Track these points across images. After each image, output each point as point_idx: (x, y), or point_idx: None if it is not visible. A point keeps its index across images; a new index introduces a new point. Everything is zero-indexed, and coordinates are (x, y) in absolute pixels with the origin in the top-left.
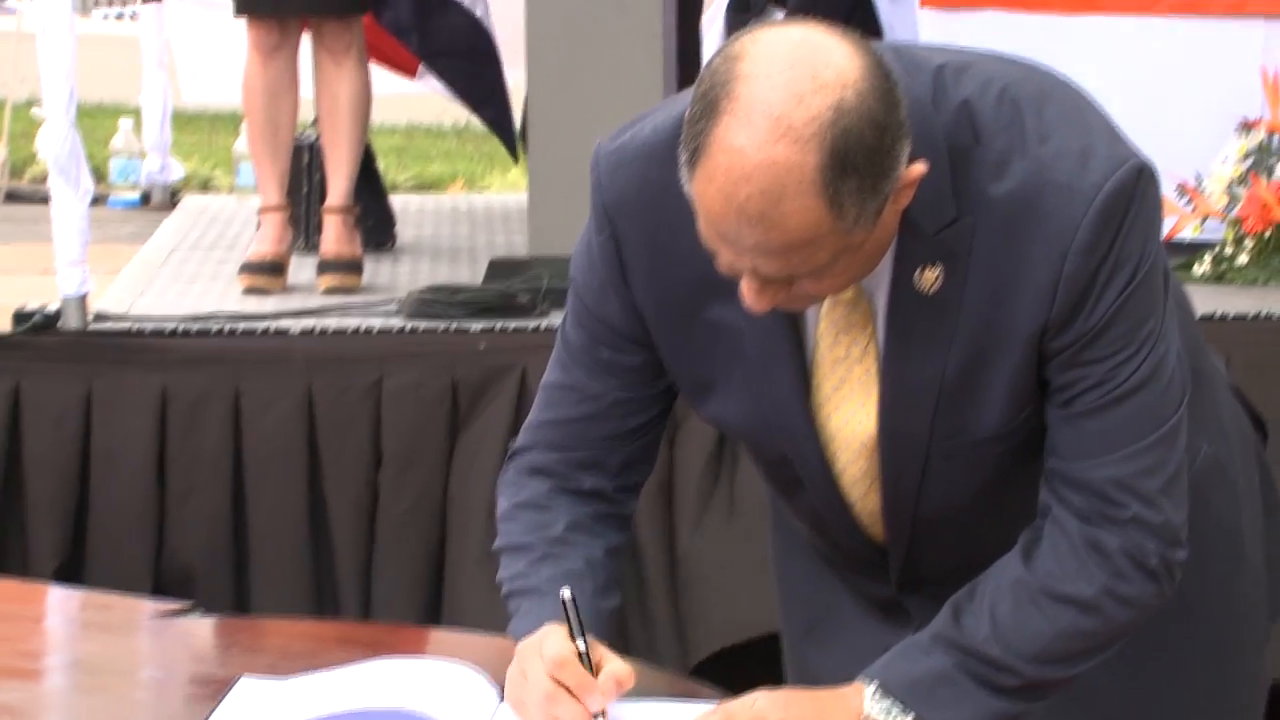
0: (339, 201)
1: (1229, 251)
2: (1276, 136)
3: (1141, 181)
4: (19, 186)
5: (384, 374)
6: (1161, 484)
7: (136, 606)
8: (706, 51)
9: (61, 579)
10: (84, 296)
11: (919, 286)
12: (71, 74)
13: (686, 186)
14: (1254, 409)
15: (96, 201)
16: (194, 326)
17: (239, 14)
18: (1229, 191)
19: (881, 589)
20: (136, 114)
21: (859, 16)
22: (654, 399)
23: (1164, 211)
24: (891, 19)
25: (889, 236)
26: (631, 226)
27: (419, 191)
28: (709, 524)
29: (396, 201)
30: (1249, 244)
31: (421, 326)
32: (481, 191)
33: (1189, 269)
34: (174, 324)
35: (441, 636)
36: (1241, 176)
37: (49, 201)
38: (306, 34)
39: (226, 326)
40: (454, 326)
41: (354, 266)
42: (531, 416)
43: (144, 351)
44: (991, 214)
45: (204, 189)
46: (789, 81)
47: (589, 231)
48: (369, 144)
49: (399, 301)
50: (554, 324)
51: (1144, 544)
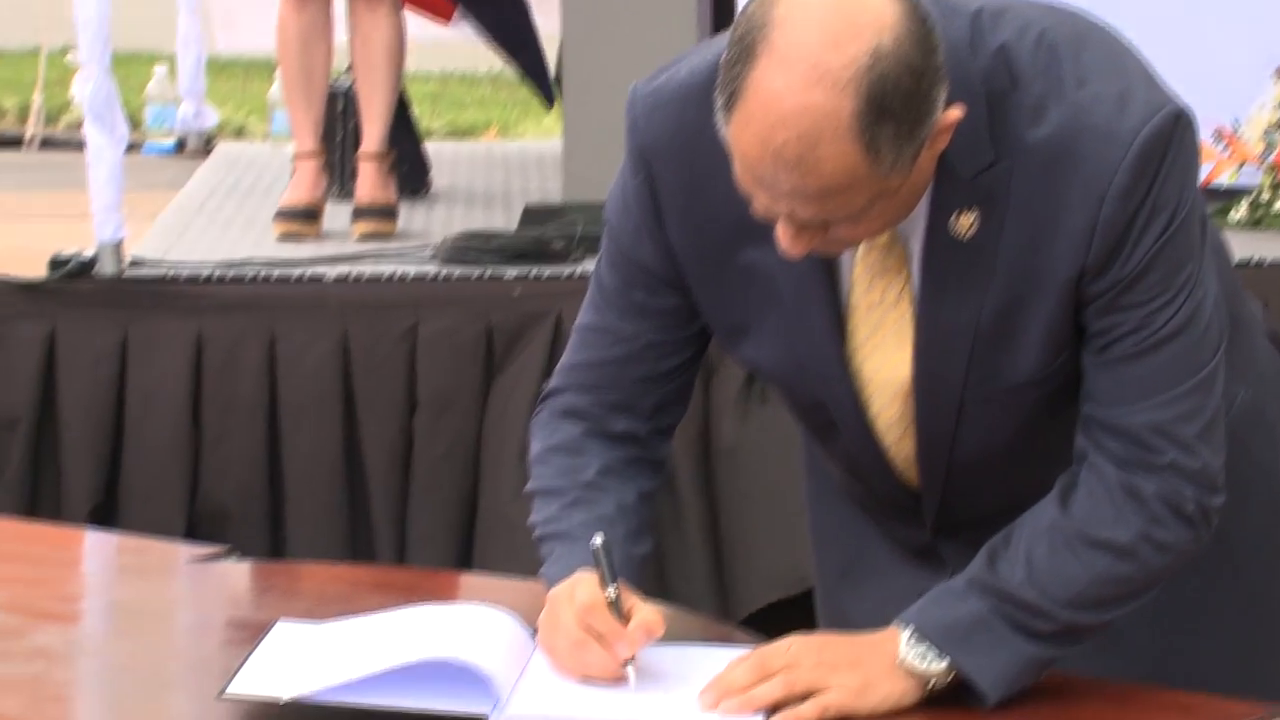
0: (374, 148)
1: (1266, 197)
2: None
3: (1179, 126)
4: (54, 133)
5: (419, 320)
6: (1199, 429)
7: (173, 551)
8: None
9: (95, 523)
10: (119, 243)
11: (955, 231)
12: (106, 21)
13: (722, 131)
14: None
15: (131, 148)
16: (229, 273)
17: None
18: (1266, 137)
19: (916, 534)
20: (171, 61)
21: None
22: (687, 341)
23: (1201, 157)
24: None
25: (925, 181)
26: (667, 169)
27: (453, 138)
28: (746, 468)
29: (431, 148)
30: None
31: (456, 273)
32: (516, 138)
33: (1226, 215)
34: (209, 270)
35: (476, 581)
36: (1279, 122)
37: (84, 148)
38: None
39: (261, 273)
40: (489, 273)
41: (389, 213)
42: (565, 358)
43: (179, 298)
44: (1028, 158)
45: (238, 136)
46: (825, 26)
47: (624, 174)
48: (403, 90)
49: (434, 248)
50: (588, 270)
51: (1181, 490)
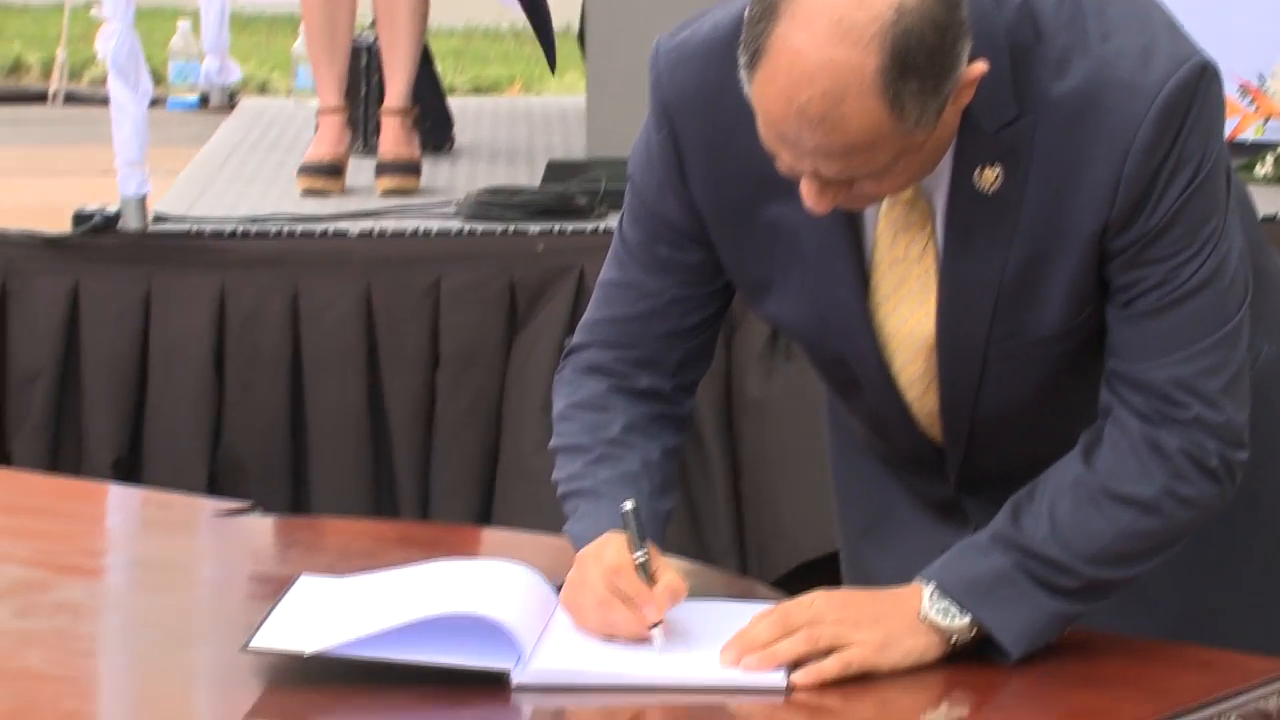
0: (397, 103)
1: None
2: None
3: (1204, 80)
4: (78, 88)
5: (442, 275)
6: (1223, 384)
7: (197, 505)
8: None
9: (118, 478)
10: (143, 198)
11: (978, 185)
12: None
13: (746, 89)
14: None
15: (155, 103)
16: (252, 228)
17: None
18: None
19: (939, 490)
20: (194, 16)
21: None
22: (711, 296)
23: (1226, 111)
24: None
25: (949, 136)
26: (690, 124)
27: (477, 93)
28: (770, 426)
29: (454, 104)
30: None
31: (479, 228)
32: (539, 93)
33: (1251, 170)
34: (233, 225)
35: (499, 536)
36: None
37: (108, 103)
38: None
39: (285, 228)
40: (512, 228)
41: (412, 168)
42: (588, 314)
43: (203, 252)
44: (1052, 112)
45: (262, 92)
46: None
47: (648, 128)
48: (427, 45)
49: (457, 203)
50: (612, 226)
51: (1205, 444)
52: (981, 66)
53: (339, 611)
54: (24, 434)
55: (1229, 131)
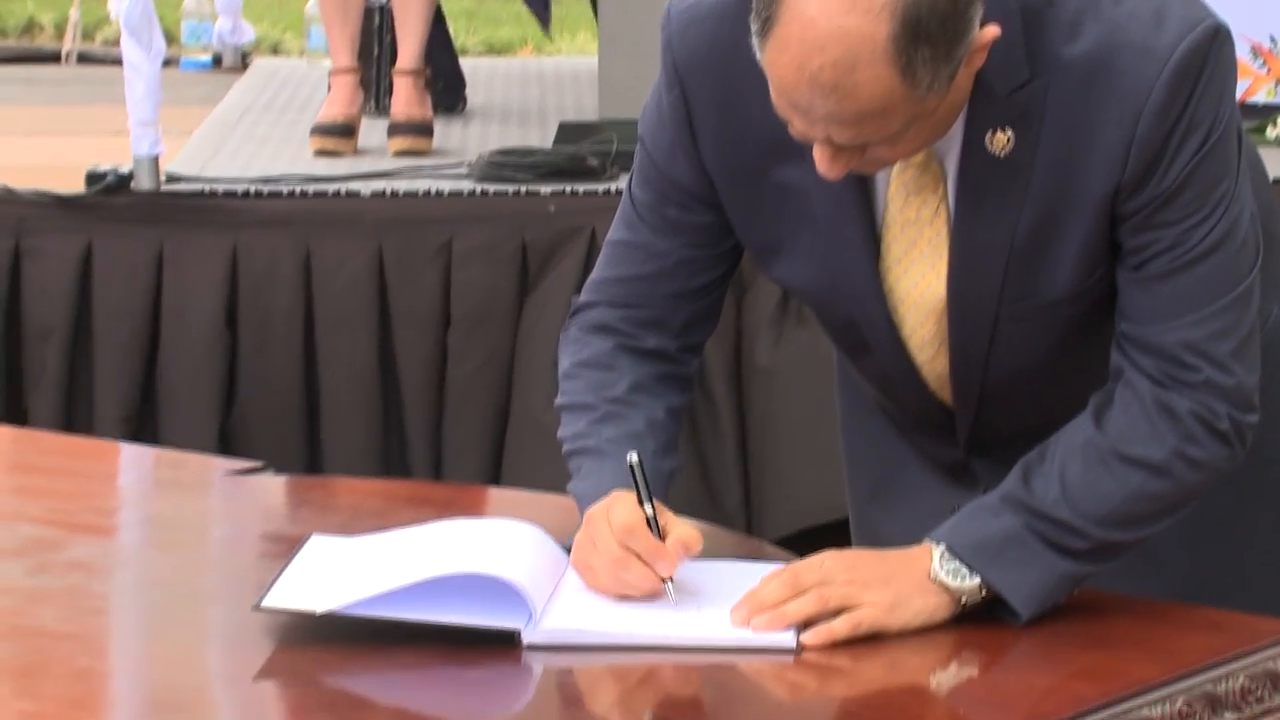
0: (410, 64)
1: None
2: None
3: (1216, 42)
4: (91, 48)
5: (454, 236)
6: (1234, 347)
7: (208, 465)
8: None
9: (130, 437)
10: (156, 158)
11: (990, 148)
12: None
13: (758, 56)
14: None
15: (168, 63)
16: (265, 188)
17: None
18: None
19: (949, 451)
20: None
21: None
22: (720, 258)
23: (1238, 74)
24: None
25: (962, 100)
26: (702, 86)
27: (489, 55)
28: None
29: (466, 65)
30: None
31: (491, 189)
32: (551, 55)
33: (1263, 132)
34: (245, 185)
35: (511, 496)
36: None
37: (121, 63)
38: None
39: (297, 188)
40: (524, 189)
41: (424, 129)
42: (595, 273)
43: (215, 213)
44: (1064, 76)
45: (274, 52)
46: None
47: (659, 90)
48: (439, 6)
49: (469, 164)
50: (623, 187)
51: (1215, 407)
52: (994, 30)
53: (350, 571)
54: (37, 392)
55: (1240, 94)
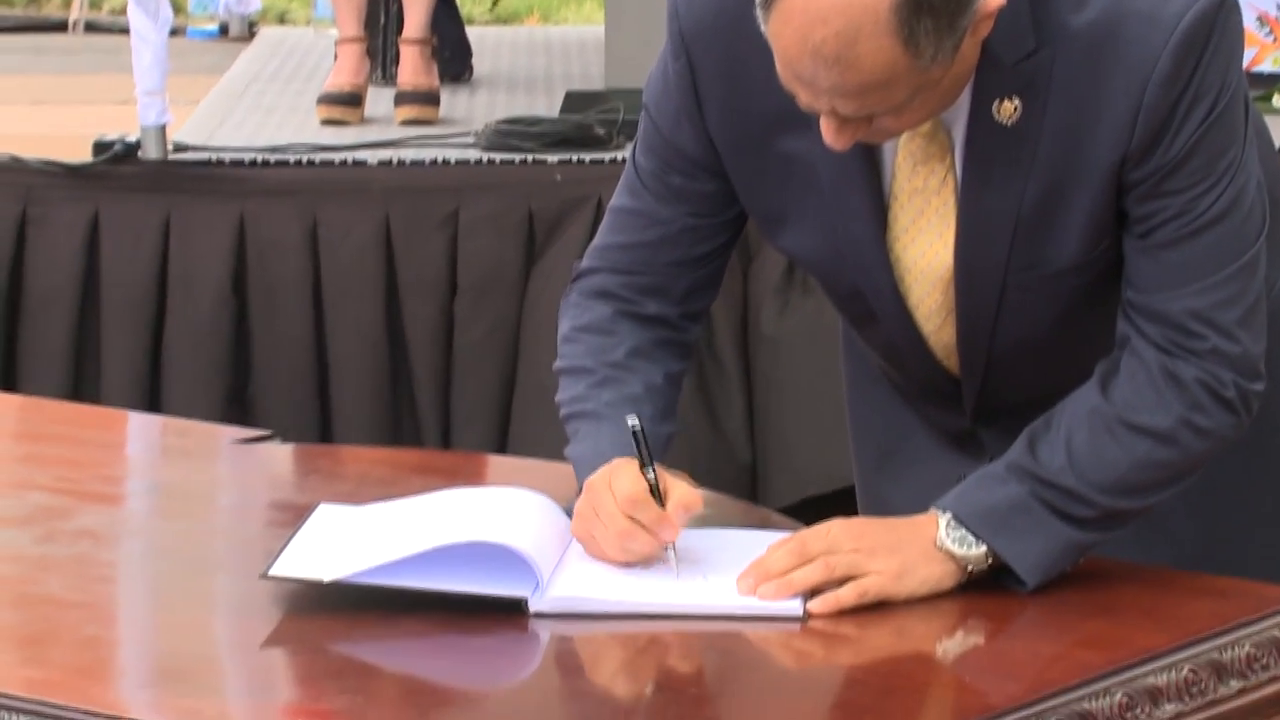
0: (416, 33)
1: None
2: None
3: (1223, 11)
4: (98, 17)
5: (460, 205)
6: (1240, 315)
7: (216, 433)
8: None
9: (137, 404)
10: (163, 126)
11: (997, 118)
12: None
13: (763, 28)
14: None
15: (175, 32)
16: (272, 157)
17: None
18: None
19: (955, 420)
20: None
21: None
22: (723, 226)
23: (1244, 42)
24: None
25: (968, 69)
26: (708, 55)
27: (496, 23)
28: (786, 358)
29: (473, 33)
30: None
31: (498, 158)
32: (558, 23)
33: (1269, 100)
34: (252, 154)
35: (517, 464)
36: None
37: (128, 32)
38: None
39: (304, 157)
40: (530, 158)
41: (431, 98)
42: (598, 239)
43: (223, 181)
44: (1071, 45)
45: (281, 21)
46: None
47: (665, 58)
48: None
49: (476, 133)
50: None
51: (1221, 375)
52: (998, 0)
53: (357, 539)
54: (43, 360)
55: (1246, 62)
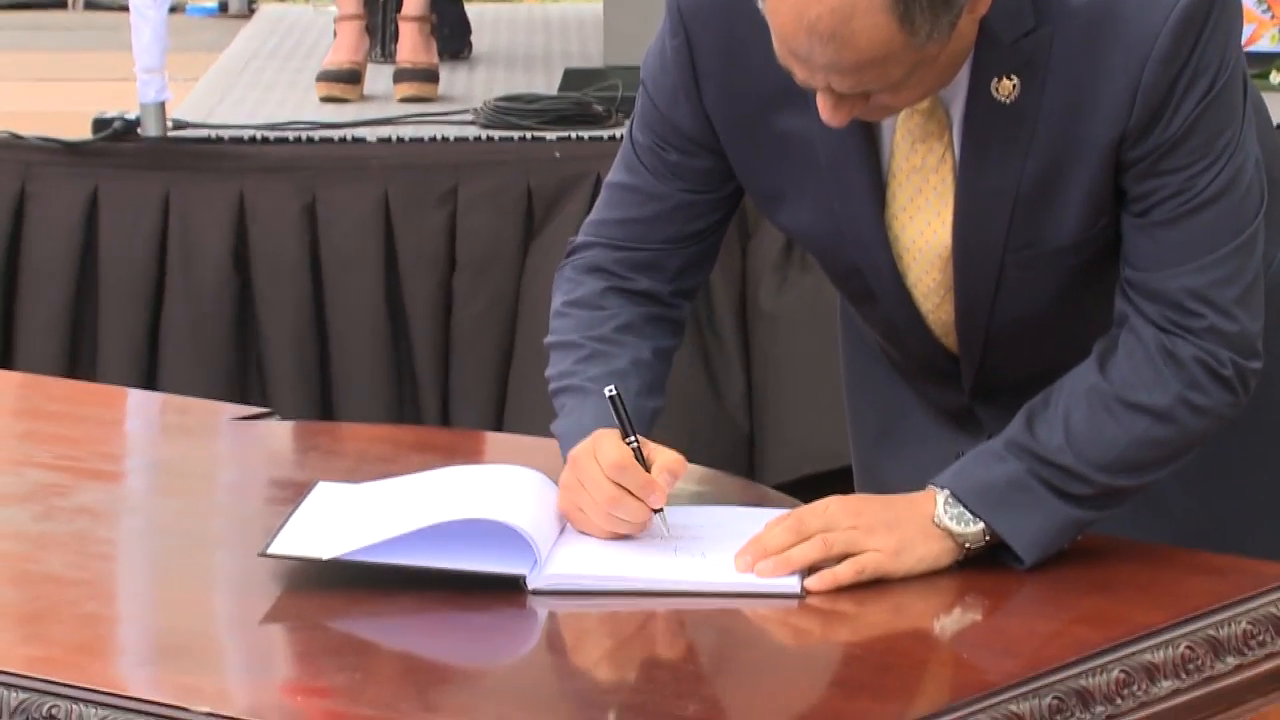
0: (415, 10)
1: None
2: None
3: None
4: None
5: (459, 181)
6: (1238, 294)
7: (215, 410)
8: None
9: (135, 382)
10: (162, 104)
11: (996, 95)
12: None
13: (759, 4)
14: None
15: (174, 9)
16: (271, 134)
17: None
18: None
19: (954, 398)
20: None
21: None
22: (719, 203)
23: (1243, 20)
24: None
25: (966, 47)
26: (706, 32)
27: (494, 0)
28: (784, 335)
29: (472, 10)
30: None
31: (497, 135)
32: (557, 1)
33: (1266, 78)
34: (251, 132)
35: (517, 441)
36: None
37: (127, 9)
38: None
39: (303, 134)
40: (529, 135)
41: (430, 75)
42: (593, 214)
43: (222, 158)
44: (1070, 23)
45: None
46: None
47: (663, 35)
48: None
49: (475, 110)
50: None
51: (1219, 353)
52: None
53: (356, 517)
54: (42, 338)
55: (1244, 39)
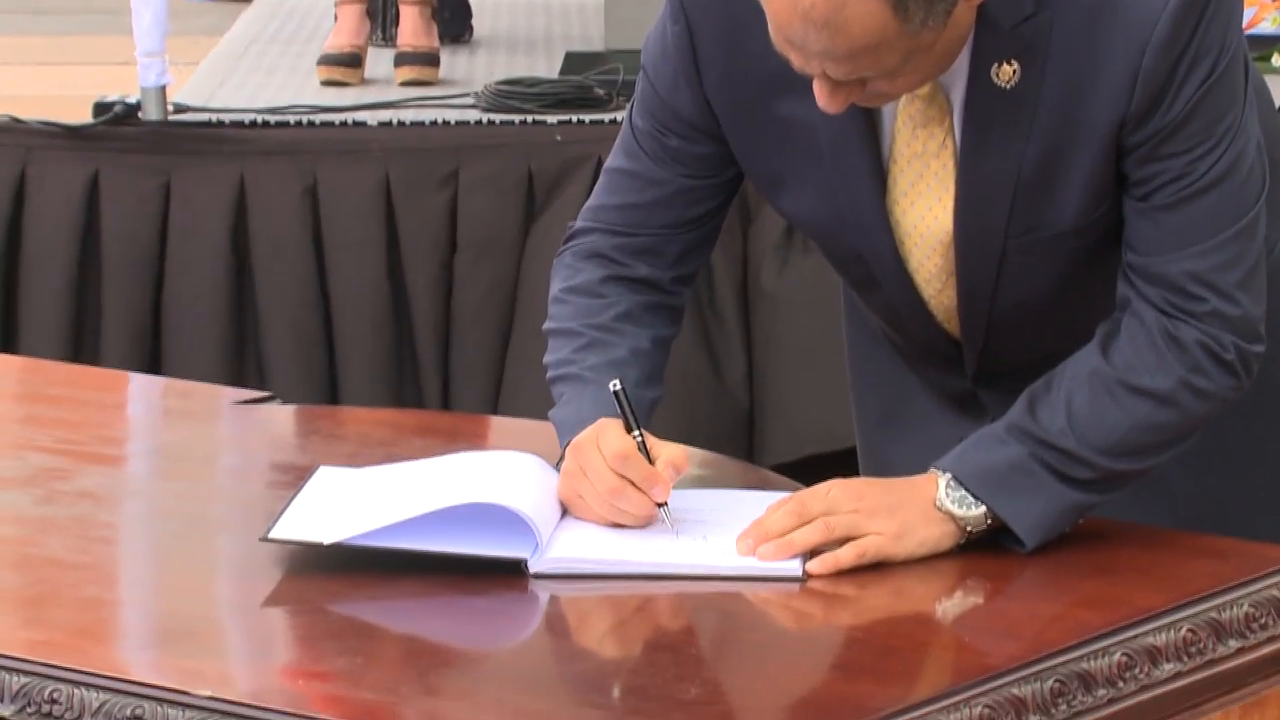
0: None
1: None
2: None
3: None
4: None
5: (460, 165)
6: (1239, 277)
7: (216, 394)
8: None
9: (137, 366)
10: (163, 88)
11: (996, 81)
12: None
13: None
14: None
15: None
16: (272, 118)
17: None
18: None
19: (956, 383)
20: None
21: None
22: (719, 188)
23: (1244, 3)
24: None
25: (964, 33)
26: (707, 19)
27: None
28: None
29: None
30: None
31: (498, 119)
32: None
33: (1268, 61)
34: (252, 115)
35: (518, 425)
36: None
37: None
38: None
39: (304, 118)
40: (530, 119)
41: (431, 58)
42: (592, 200)
43: (223, 142)
44: (1070, 8)
45: None
46: None
47: (664, 21)
48: None
49: (476, 94)
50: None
51: (1221, 337)
52: None
53: (357, 502)
54: (43, 322)
55: (1245, 22)
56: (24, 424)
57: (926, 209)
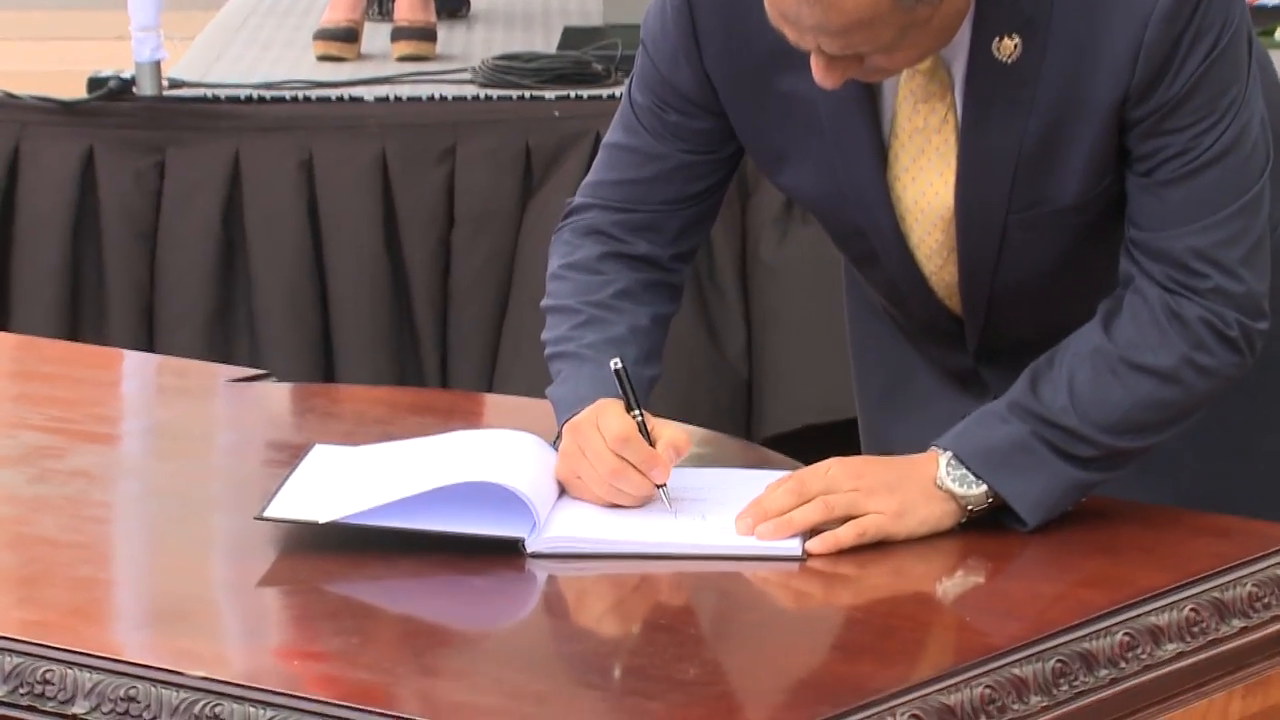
0: None
1: None
2: None
3: None
4: None
5: (458, 140)
6: (1243, 254)
7: (212, 372)
8: None
9: (131, 343)
10: (158, 63)
11: (997, 55)
12: None
13: None
14: None
15: None
16: (268, 94)
17: None
18: None
19: (958, 359)
20: None
21: None
22: (719, 163)
23: None
24: None
25: (962, 8)
26: None
27: None
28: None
29: None
30: None
31: (496, 94)
32: None
33: (1272, 35)
34: (248, 91)
35: (515, 403)
36: None
37: None
38: None
39: (300, 93)
40: (528, 94)
41: (428, 34)
42: (591, 175)
43: (218, 117)
44: None
45: None
46: None
47: None
48: None
49: (473, 69)
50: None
51: (1224, 314)
52: None
53: (353, 481)
54: (37, 298)
55: None
56: (17, 402)
57: (927, 184)
